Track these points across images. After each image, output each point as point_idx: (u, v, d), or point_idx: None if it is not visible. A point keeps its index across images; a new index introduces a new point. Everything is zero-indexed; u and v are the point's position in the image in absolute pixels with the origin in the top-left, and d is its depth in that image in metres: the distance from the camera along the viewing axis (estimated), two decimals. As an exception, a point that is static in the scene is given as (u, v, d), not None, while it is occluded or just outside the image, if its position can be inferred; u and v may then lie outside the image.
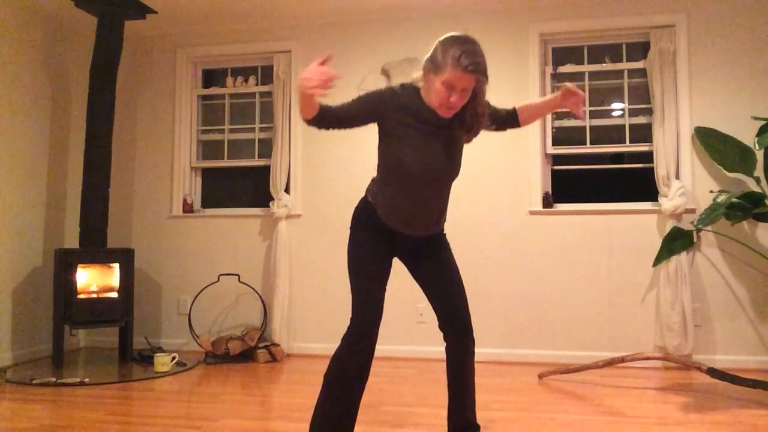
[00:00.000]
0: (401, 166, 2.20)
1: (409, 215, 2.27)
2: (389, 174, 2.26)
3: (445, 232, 2.45)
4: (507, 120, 2.48)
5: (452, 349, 2.38)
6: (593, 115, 4.55)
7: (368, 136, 4.71)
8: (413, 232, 2.32)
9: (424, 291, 2.45)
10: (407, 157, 2.18)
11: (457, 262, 2.41)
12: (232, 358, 4.45)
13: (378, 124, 2.23)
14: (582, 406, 3.19)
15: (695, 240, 4.14)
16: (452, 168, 2.28)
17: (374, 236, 2.30)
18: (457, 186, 2.37)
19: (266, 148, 5.00)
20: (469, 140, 2.30)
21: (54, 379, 3.79)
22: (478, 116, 2.21)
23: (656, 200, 4.29)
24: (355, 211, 2.38)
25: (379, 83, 4.71)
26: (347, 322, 2.25)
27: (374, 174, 2.36)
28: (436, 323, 2.42)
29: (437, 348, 4.42)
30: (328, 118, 2.13)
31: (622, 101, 4.52)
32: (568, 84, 2.42)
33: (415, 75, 2.22)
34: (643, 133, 4.45)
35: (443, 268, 2.40)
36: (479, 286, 4.42)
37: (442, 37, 2.15)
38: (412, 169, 2.19)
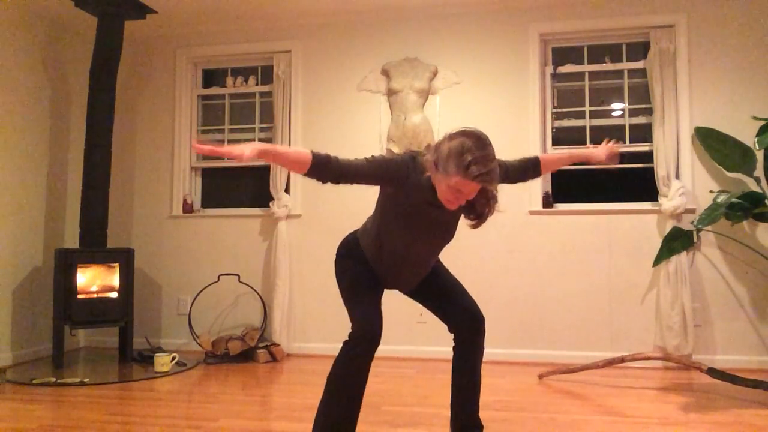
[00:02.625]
0: (399, 239, 2.21)
1: (396, 274, 2.32)
2: (384, 237, 2.25)
3: None
4: (524, 172, 2.42)
5: (464, 346, 2.38)
6: (593, 115, 4.55)
7: (368, 135, 4.73)
8: (397, 287, 2.40)
9: (425, 305, 2.48)
10: (407, 234, 2.19)
11: (458, 263, 2.42)
12: (232, 358, 4.45)
13: (385, 185, 2.18)
14: (582, 406, 3.19)
15: (695, 240, 4.15)
16: (449, 238, 2.30)
17: (363, 266, 2.33)
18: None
19: (266, 148, 5.00)
20: (477, 226, 2.21)
21: (54, 379, 3.79)
22: (490, 204, 2.15)
23: (656, 200, 4.29)
24: (343, 243, 2.41)
25: (379, 83, 4.71)
26: (347, 322, 2.23)
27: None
28: (436, 323, 2.42)
29: (437, 348, 4.46)
30: (331, 172, 2.02)
31: (622, 101, 4.52)
32: (602, 152, 2.56)
33: (425, 157, 2.08)
34: (643, 133, 4.45)
35: (433, 277, 2.43)
36: (479, 286, 4.41)
37: (452, 132, 2.01)
38: (410, 244, 2.22)
